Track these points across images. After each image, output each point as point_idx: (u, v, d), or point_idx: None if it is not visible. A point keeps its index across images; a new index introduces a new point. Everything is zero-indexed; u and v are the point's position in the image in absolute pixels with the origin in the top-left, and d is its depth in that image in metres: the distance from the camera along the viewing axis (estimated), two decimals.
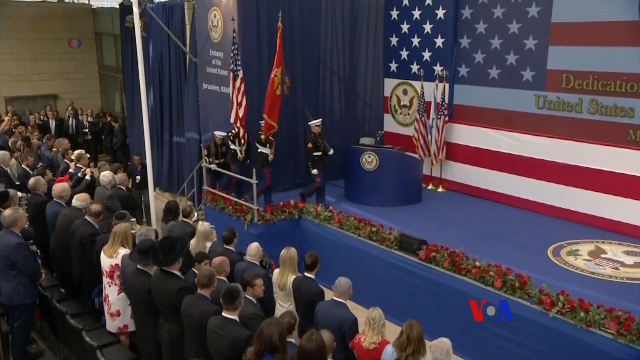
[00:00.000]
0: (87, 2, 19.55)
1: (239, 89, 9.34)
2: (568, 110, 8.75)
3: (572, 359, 5.96)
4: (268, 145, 9.47)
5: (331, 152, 9.56)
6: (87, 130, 16.24)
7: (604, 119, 8.38)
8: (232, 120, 9.57)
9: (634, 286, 6.71)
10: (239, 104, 9.39)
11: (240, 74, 9.34)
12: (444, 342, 4.19)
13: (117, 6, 15.39)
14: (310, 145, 9.37)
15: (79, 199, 7.03)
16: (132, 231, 6.29)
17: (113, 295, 5.80)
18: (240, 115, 9.44)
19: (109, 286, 5.81)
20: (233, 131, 9.72)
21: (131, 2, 9.01)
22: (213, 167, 9.79)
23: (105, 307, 5.91)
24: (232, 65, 9.36)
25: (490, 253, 7.39)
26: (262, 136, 9.37)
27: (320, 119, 9.70)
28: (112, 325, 5.89)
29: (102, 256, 5.84)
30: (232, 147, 9.80)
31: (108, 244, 5.83)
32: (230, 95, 9.54)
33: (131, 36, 8.43)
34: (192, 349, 4.76)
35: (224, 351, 4.37)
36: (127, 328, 5.86)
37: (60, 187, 7.53)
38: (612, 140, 8.31)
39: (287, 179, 10.90)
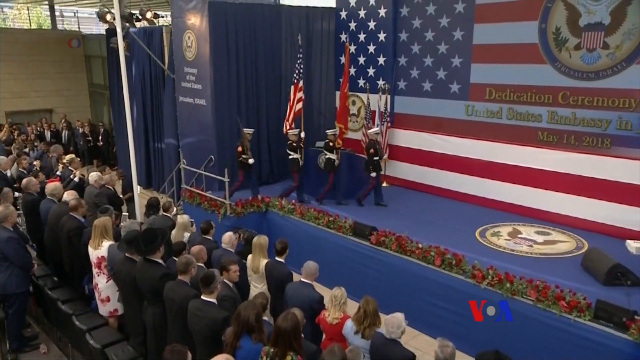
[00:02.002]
0: (77, 29, 19.65)
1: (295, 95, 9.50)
2: (491, 117, 8.87)
3: (500, 322, 5.97)
4: (335, 151, 9.15)
5: (385, 156, 9.17)
6: (89, 138, 16.18)
7: (519, 123, 8.51)
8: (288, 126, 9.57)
9: (545, 260, 6.85)
10: (291, 109, 9.45)
11: (300, 83, 9.53)
12: (397, 316, 4.10)
13: (104, 32, 15.01)
14: (371, 151, 8.96)
15: (69, 194, 6.78)
16: (123, 223, 6.10)
17: (102, 283, 5.57)
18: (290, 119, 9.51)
19: (98, 275, 5.58)
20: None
21: (115, 26, 8.69)
22: (251, 161, 9.23)
23: (96, 294, 5.68)
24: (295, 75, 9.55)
25: (430, 236, 7.38)
26: (338, 143, 9.17)
27: (379, 127, 9.36)
28: (103, 309, 5.67)
29: (89, 249, 5.59)
30: (294, 155, 9.28)
31: (92, 237, 5.58)
32: (290, 101, 9.58)
33: (116, 56, 8.11)
34: (175, 330, 4.55)
35: (203, 331, 4.19)
36: (116, 312, 5.65)
37: (52, 185, 7.28)
38: (526, 140, 8.46)
39: (260, 178, 10.67)
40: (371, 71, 10.80)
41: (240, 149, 9.18)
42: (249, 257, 5.93)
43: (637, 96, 7.39)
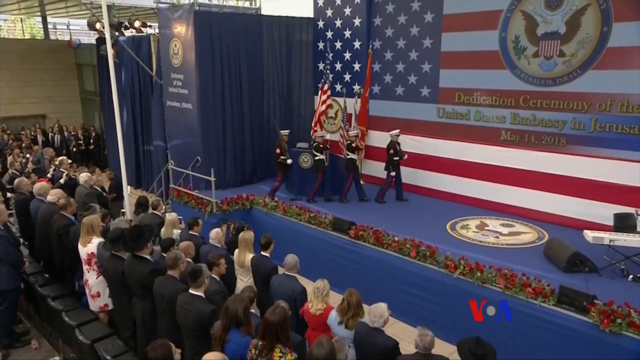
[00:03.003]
0: (69, 38, 18.86)
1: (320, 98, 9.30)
2: (460, 119, 8.80)
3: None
4: (356, 152, 8.92)
5: (405, 157, 8.77)
6: (81, 141, 15.81)
7: (485, 124, 8.47)
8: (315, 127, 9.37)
9: (511, 250, 6.80)
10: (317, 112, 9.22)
11: (326, 87, 9.31)
12: (380, 306, 3.93)
13: (95, 42, 14.70)
14: (391, 151, 8.66)
15: (52, 194, 6.48)
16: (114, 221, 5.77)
17: (92, 279, 5.28)
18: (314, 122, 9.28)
19: (88, 272, 5.29)
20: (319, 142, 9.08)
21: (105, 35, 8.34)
22: (290, 161, 9.02)
23: (87, 290, 5.38)
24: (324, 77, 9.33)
25: (405, 230, 7.26)
26: (359, 143, 8.87)
27: (399, 130, 8.85)
28: (94, 305, 5.38)
29: (79, 246, 5.30)
30: (320, 156, 9.02)
31: (80, 235, 5.29)
32: (317, 105, 9.28)
33: (106, 64, 7.78)
34: (164, 325, 4.30)
35: (190, 324, 3.95)
36: (107, 307, 5.37)
37: (39, 186, 6.96)
38: (491, 140, 8.43)
39: (238, 177, 10.41)
40: (347, 77, 10.65)
41: (278, 150, 9.01)
42: (236, 251, 5.71)
43: (589, 99, 7.42)
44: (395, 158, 8.64)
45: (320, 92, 9.48)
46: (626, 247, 5.92)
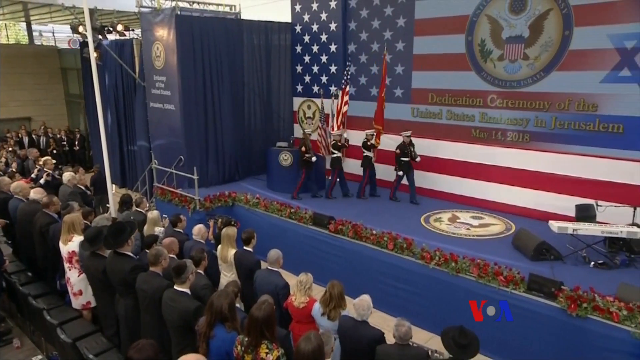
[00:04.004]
0: (53, 44, 18.43)
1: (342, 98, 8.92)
2: (433, 118, 8.69)
3: (447, 297, 5.80)
4: (371, 150, 8.55)
5: (418, 159, 8.16)
6: (65, 142, 15.12)
7: (456, 123, 8.38)
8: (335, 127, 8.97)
9: (481, 241, 6.72)
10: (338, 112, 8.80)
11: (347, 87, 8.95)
12: (365, 298, 3.73)
13: (79, 46, 14.12)
14: (398, 151, 8.19)
15: (36, 192, 6.10)
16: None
17: (74, 277, 4.91)
18: (338, 122, 8.95)
19: (69, 270, 4.91)
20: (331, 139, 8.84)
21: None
22: (314, 159, 8.66)
23: (69, 288, 5.01)
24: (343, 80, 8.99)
25: (382, 224, 7.09)
26: (376, 142, 8.52)
27: (410, 131, 8.29)
28: (76, 303, 5.01)
29: (60, 244, 4.91)
30: (337, 154, 8.72)
31: (61, 233, 4.92)
32: (338, 105, 8.91)
33: (90, 67, 7.36)
34: (148, 321, 4.00)
35: (175, 320, 3.65)
36: (90, 304, 5.00)
37: (16, 184, 6.56)
38: (462, 138, 8.35)
39: (220, 175, 10.06)
40: (324, 79, 10.44)
41: (303, 149, 8.68)
42: (219, 247, 5.43)
43: (549, 99, 7.40)
44: (402, 158, 8.22)
45: (341, 92, 9.05)
46: (587, 236, 5.91)
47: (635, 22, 6.47)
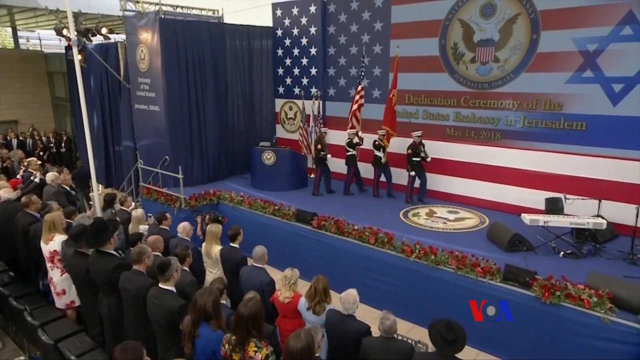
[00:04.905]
0: (39, 48, 17.73)
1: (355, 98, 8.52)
2: (409, 117, 8.55)
3: (427, 288, 5.67)
4: (381, 150, 8.18)
5: (429, 159, 7.81)
6: (52, 144, 14.39)
7: (432, 122, 8.27)
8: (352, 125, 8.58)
9: (458, 234, 6.62)
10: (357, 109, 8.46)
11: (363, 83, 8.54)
12: (351, 292, 3.55)
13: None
14: (409, 151, 7.79)
15: (6, 192, 5.78)
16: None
17: (56, 277, 4.57)
18: (349, 121, 8.58)
19: (52, 269, 4.57)
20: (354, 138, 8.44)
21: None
22: (329, 156, 8.58)
23: (52, 288, 4.67)
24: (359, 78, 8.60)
25: (363, 219, 6.93)
26: (385, 143, 8.12)
27: (421, 131, 7.89)
28: (59, 302, 4.68)
29: (42, 244, 4.57)
30: (352, 152, 8.44)
31: (43, 232, 4.58)
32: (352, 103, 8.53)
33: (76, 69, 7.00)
34: (132, 321, 3.72)
35: (160, 319, 3.40)
36: (73, 303, 4.67)
37: None
38: (437, 136, 8.24)
39: (205, 174, 9.72)
40: (305, 81, 10.21)
41: (319, 146, 8.46)
42: (203, 244, 5.17)
43: (519, 99, 7.37)
44: (414, 159, 7.86)
45: (355, 92, 8.68)
46: (557, 228, 5.88)
47: (597, 27, 6.48)
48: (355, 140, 8.47)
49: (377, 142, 8.23)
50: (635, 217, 5.58)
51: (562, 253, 5.81)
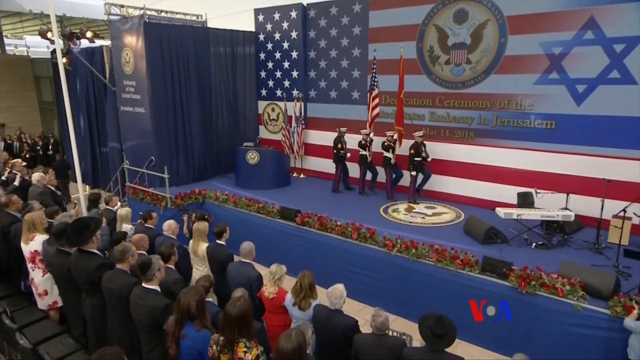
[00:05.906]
0: (26, 54, 17.10)
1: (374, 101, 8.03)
2: (387, 118, 8.39)
3: (409, 281, 5.52)
4: (391, 150, 7.78)
5: (429, 159, 7.50)
6: (39, 147, 13.73)
7: (408, 122, 8.09)
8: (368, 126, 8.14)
9: (436, 228, 6.50)
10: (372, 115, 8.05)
11: (376, 90, 7.99)
12: (338, 287, 3.36)
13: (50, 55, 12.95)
14: (412, 151, 7.47)
15: None
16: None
17: (38, 278, 4.23)
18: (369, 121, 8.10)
19: (33, 270, 4.22)
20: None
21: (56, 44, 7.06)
22: (348, 155, 8.24)
23: (34, 289, 4.32)
24: (371, 84, 8.05)
25: (345, 215, 6.76)
26: (398, 144, 7.72)
27: (423, 131, 7.66)
28: (42, 303, 4.33)
29: (22, 244, 4.21)
30: (363, 152, 8.07)
31: (22, 233, 4.23)
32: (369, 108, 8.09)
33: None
34: (115, 321, 3.43)
35: (144, 319, 3.13)
36: (56, 304, 4.33)
37: None
38: (414, 135, 8.09)
39: (190, 174, 9.37)
40: (287, 83, 9.97)
41: (339, 145, 8.17)
42: (190, 241, 4.89)
43: (491, 99, 7.32)
44: (416, 158, 7.56)
45: (369, 97, 8.17)
46: (529, 220, 5.83)
47: (561, 31, 6.48)
48: (363, 141, 8.15)
49: (386, 144, 7.89)
50: (600, 209, 5.57)
51: (534, 244, 5.76)
